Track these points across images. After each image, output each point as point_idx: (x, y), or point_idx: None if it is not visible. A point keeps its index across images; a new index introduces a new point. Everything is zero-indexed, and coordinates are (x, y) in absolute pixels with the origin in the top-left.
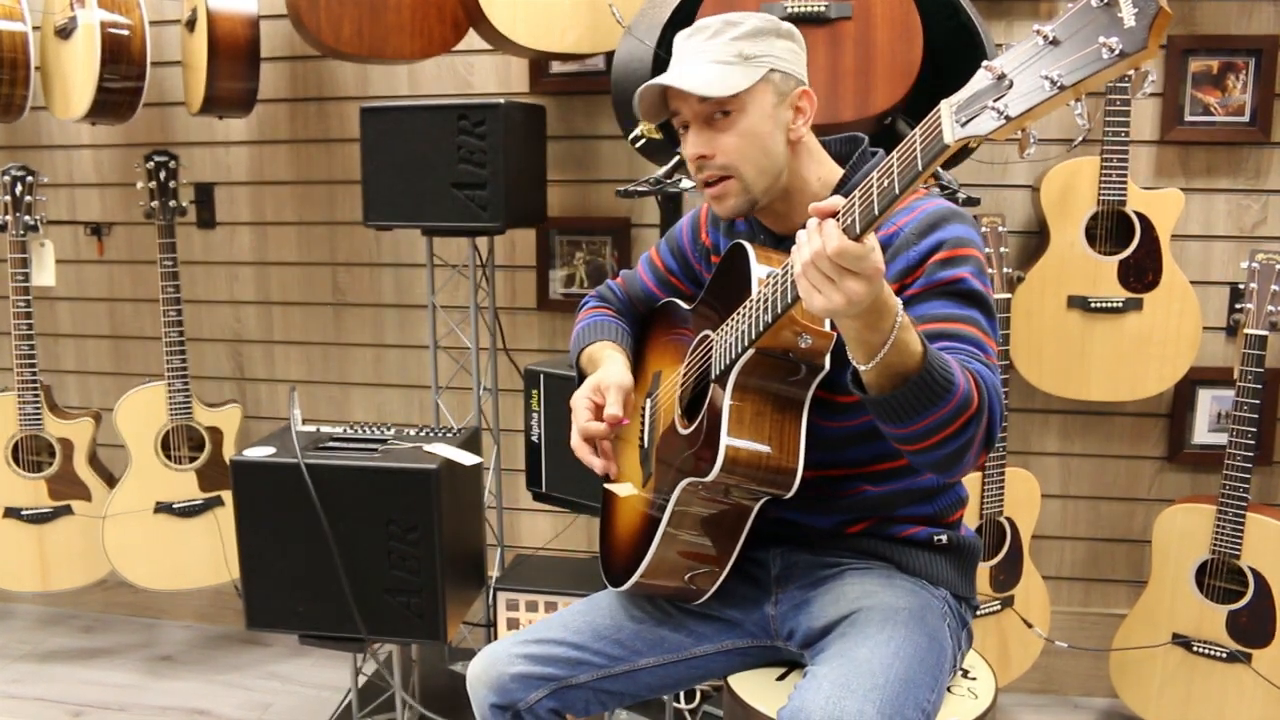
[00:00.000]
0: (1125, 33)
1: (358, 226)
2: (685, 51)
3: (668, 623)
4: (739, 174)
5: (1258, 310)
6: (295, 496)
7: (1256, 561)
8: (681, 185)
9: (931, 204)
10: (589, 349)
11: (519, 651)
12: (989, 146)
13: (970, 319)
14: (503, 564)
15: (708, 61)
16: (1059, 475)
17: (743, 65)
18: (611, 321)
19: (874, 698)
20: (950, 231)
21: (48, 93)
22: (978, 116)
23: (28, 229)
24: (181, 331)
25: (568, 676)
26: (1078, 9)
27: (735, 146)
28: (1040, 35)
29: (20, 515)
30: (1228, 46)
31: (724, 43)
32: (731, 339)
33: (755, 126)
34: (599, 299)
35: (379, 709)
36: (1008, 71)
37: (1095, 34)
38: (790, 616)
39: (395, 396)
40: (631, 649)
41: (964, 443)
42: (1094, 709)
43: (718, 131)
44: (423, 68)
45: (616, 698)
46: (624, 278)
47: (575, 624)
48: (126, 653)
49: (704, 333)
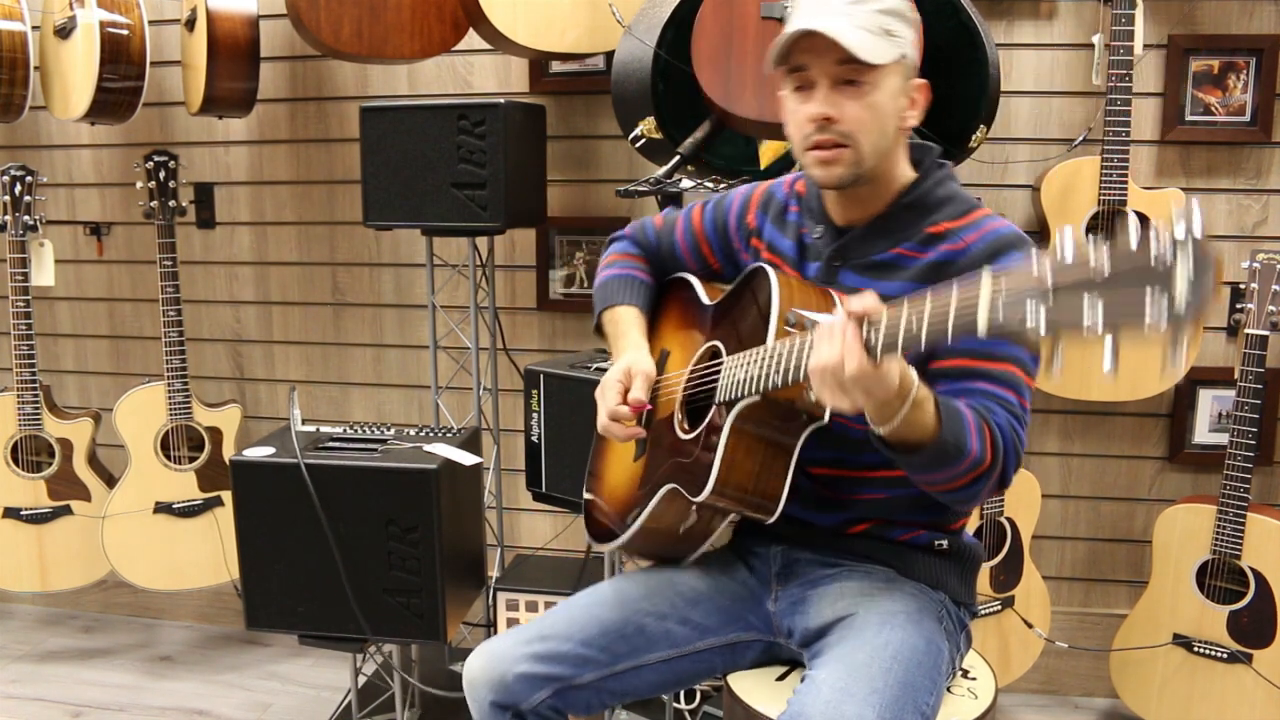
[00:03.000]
0: (1174, 309)
1: (358, 226)
2: (822, 7)
3: (673, 616)
4: (856, 145)
5: (1258, 310)
6: (295, 496)
7: (1257, 562)
8: (681, 185)
9: (999, 224)
10: (616, 310)
11: (524, 651)
12: (989, 146)
13: (1012, 358)
14: (503, 564)
15: (854, 26)
16: (1059, 475)
17: (886, 39)
18: (641, 282)
19: (874, 701)
20: (1014, 261)
21: (47, 92)
22: (1016, 317)
23: (27, 229)
24: (181, 331)
25: (573, 676)
26: (1130, 255)
27: (860, 117)
28: (1093, 265)
29: (20, 515)
30: (1228, 46)
31: (869, 11)
32: (741, 376)
33: (882, 103)
34: (632, 244)
35: (379, 709)
36: (1051, 286)
37: (1143, 295)
38: (789, 614)
39: (395, 396)
40: (637, 645)
41: (971, 493)
42: (1094, 709)
43: (845, 98)
44: (423, 68)
45: (619, 696)
46: (664, 220)
47: (581, 620)
48: (126, 653)
49: (713, 344)
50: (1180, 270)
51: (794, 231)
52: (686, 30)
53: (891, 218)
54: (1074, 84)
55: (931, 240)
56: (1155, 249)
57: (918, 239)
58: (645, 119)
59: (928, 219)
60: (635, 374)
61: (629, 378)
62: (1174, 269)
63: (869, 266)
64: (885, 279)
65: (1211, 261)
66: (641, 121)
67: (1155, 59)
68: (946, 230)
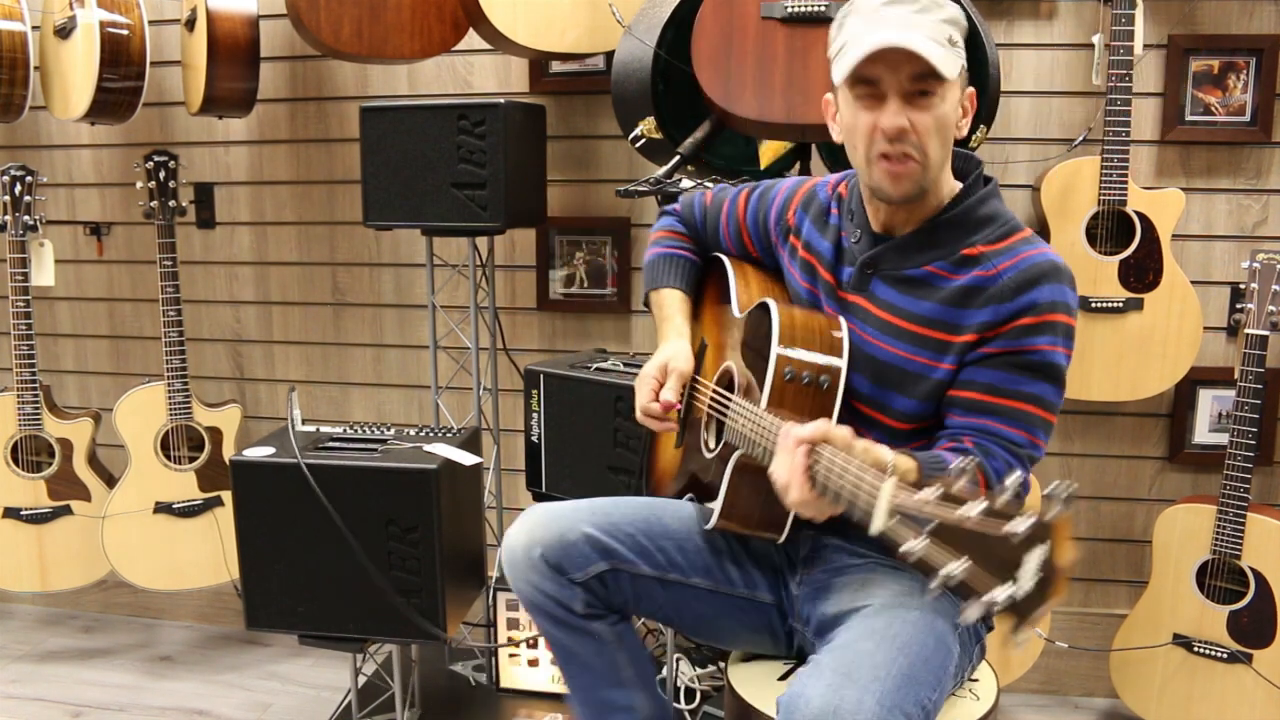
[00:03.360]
0: (1019, 590)
1: (358, 226)
2: (890, 19)
3: (725, 554)
4: (925, 157)
5: (1258, 310)
6: (295, 496)
7: (1257, 562)
8: (681, 185)
9: (1035, 251)
10: (662, 293)
11: (587, 516)
12: (989, 146)
13: (1031, 396)
14: (502, 564)
15: (926, 38)
16: (1059, 475)
17: (952, 51)
18: (687, 261)
19: (874, 689)
20: (1045, 293)
21: (47, 92)
22: (905, 530)
23: (27, 229)
24: (181, 331)
25: (631, 562)
26: (989, 525)
27: (931, 129)
28: (973, 512)
29: (20, 515)
30: (1228, 46)
31: (935, 22)
32: (739, 427)
33: (948, 115)
34: (680, 220)
35: (379, 709)
36: (923, 532)
37: (999, 567)
38: (809, 599)
39: (395, 396)
40: (693, 561)
41: None
42: (1094, 709)
43: (916, 110)
44: (423, 68)
45: (657, 608)
46: (713, 199)
47: (644, 514)
48: (126, 653)
49: (728, 367)
50: (1027, 570)
51: (834, 234)
52: (686, 30)
53: (930, 233)
54: (1074, 84)
55: (966, 262)
56: (1018, 541)
57: (952, 259)
58: (645, 119)
59: (966, 239)
60: (671, 371)
61: (664, 374)
62: (1023, 567)
63: (901, 280)
64: (916, 295)
65: (1054, 584)
66: (641, 121)
67: (1155, 59)
68: (981, 254)
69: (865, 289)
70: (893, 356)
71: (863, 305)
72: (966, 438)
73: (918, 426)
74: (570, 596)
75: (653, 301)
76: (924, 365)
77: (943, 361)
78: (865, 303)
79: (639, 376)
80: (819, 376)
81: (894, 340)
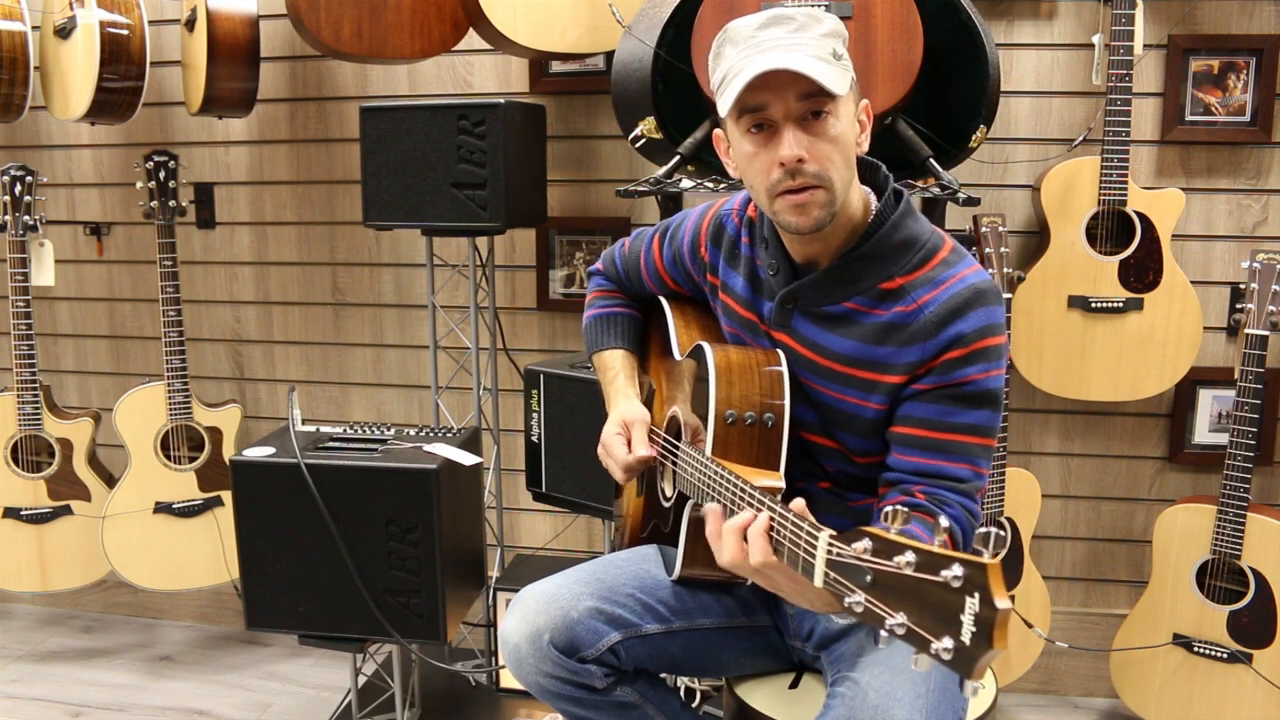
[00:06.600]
0: (959, 642)
1: (358, 226)
2: (768, 41)
3: (716, 587)
4: (829, 183)
5: (1258, 310)
6: (295, 496)
7: (1257, 562)
8: (681, 185)
9: (957, 277)
10: (603, 356)
11: (584, 590)
12: (989, 146)
13: (969, 427)
14: (503, 564)
15: (810, 57)
16: (1059, 475)
17: (839, 65)
18: (622, 317)
19: (920, 706)
20: (971, 321)
21: (47, 92)
22: (842, 585)
23: (27, 229)
24: (181, 331)
25: (638, 624)
26: (928, 579)
27: (829, 153)
28: (907, 559)
29: (20, 515)
30: (1228, 46)
31: (816, 38)
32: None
33: (845, 134)
34: (605, 279)
35: (379, 709)
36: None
37: (940, 616)
38: (807, 615)
39: (395, 396)
40: (690, 606)
41: None
42: (1094, 709)
43: (811, 135)
44: (423, 68)
45: (670, 662)
46: (629, 248)
47: (635, 571)
48: (126, 653)
49: (674, 412)
50: (967, 619)
51: (746, 266)
52: (686, 30)
53: (846, 267)
54: (1074, 84)
55: (885, 297)
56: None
57: (871, 294)
58: (645, 119)
59: (883, 272)
60: (632, 424)
61: (627, 430)
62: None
63: (821, 316)
64: (838, 333)
65: (993, 632)
66: (641, 121)
67: (1155, 59)
68: (901, 287)
69: (787, 325)
70: (824, 396)
71: (787, 343)
72: (917, 490)
73: (876, 460)
74: (589, 676)
75: (595, 366)
76: (855, 405)
77: (871, 400)
78: (789, 340)
79: (603, 442)
80: (762, 415)
81: (822, 380)
